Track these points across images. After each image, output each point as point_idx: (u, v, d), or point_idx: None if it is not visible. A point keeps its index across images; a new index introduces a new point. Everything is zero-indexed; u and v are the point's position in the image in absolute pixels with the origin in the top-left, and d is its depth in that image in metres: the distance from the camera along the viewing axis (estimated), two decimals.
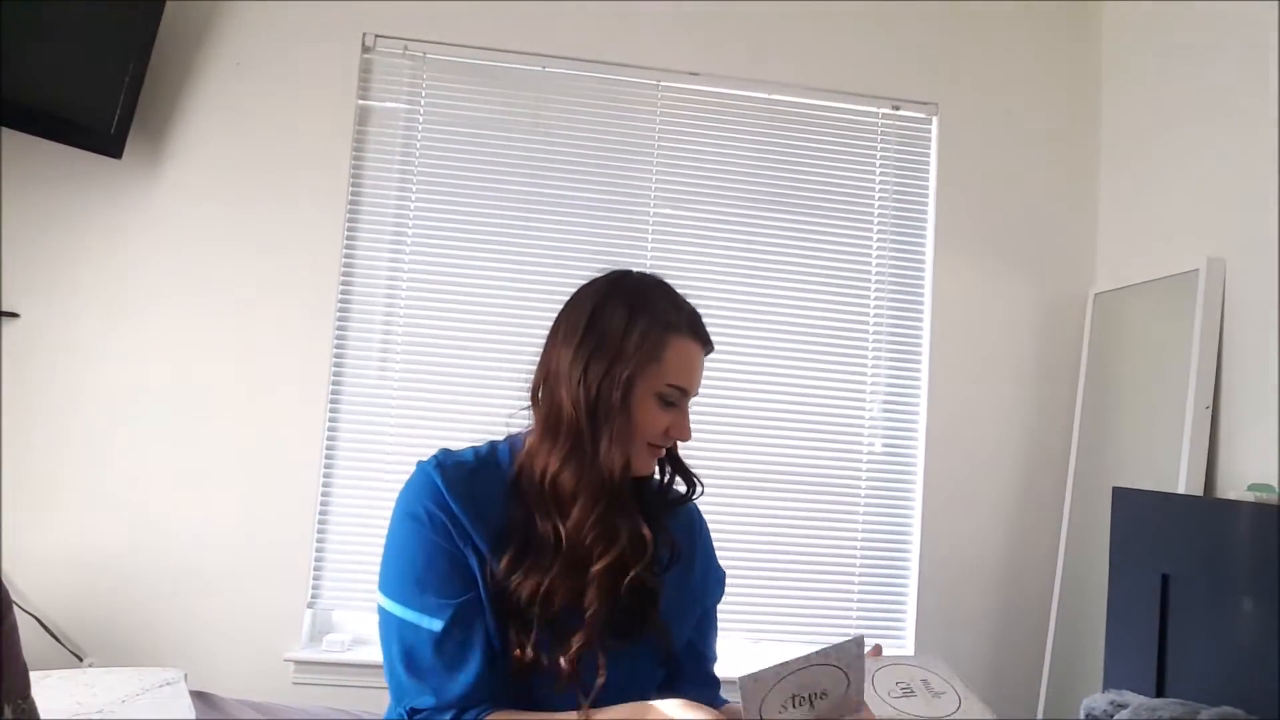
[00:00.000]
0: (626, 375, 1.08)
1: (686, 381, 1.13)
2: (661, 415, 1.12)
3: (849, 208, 2.61)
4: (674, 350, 1.12)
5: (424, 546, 1.06)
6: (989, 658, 2.52)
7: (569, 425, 1.09)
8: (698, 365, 1.15)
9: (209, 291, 2.33)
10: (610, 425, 1.08)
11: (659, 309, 1.13)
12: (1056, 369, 2.59)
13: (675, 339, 1.12)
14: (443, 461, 1.11)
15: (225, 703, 1.74)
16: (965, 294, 2.59)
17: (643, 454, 1.13)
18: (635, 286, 1.16)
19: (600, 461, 1.08)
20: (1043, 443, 2.58)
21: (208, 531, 2.28)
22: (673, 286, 1.19)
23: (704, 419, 2.48)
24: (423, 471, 1.10)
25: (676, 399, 1.13)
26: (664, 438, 1.14)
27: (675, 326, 1.13)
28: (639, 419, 1.10)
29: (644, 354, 1.10)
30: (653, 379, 1.11)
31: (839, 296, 2.59)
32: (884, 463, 2.58)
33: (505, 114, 2.49)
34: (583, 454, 1.08)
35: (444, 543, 1.06)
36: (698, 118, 2.57)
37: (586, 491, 1.07)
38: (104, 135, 2.16)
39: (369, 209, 2.44)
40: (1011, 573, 2.54)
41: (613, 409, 1.08)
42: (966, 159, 2.63)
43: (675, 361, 1.12)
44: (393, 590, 1.07)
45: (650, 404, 1.11)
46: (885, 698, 1.05)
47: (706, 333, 1.18)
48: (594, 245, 2.49)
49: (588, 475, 1.08)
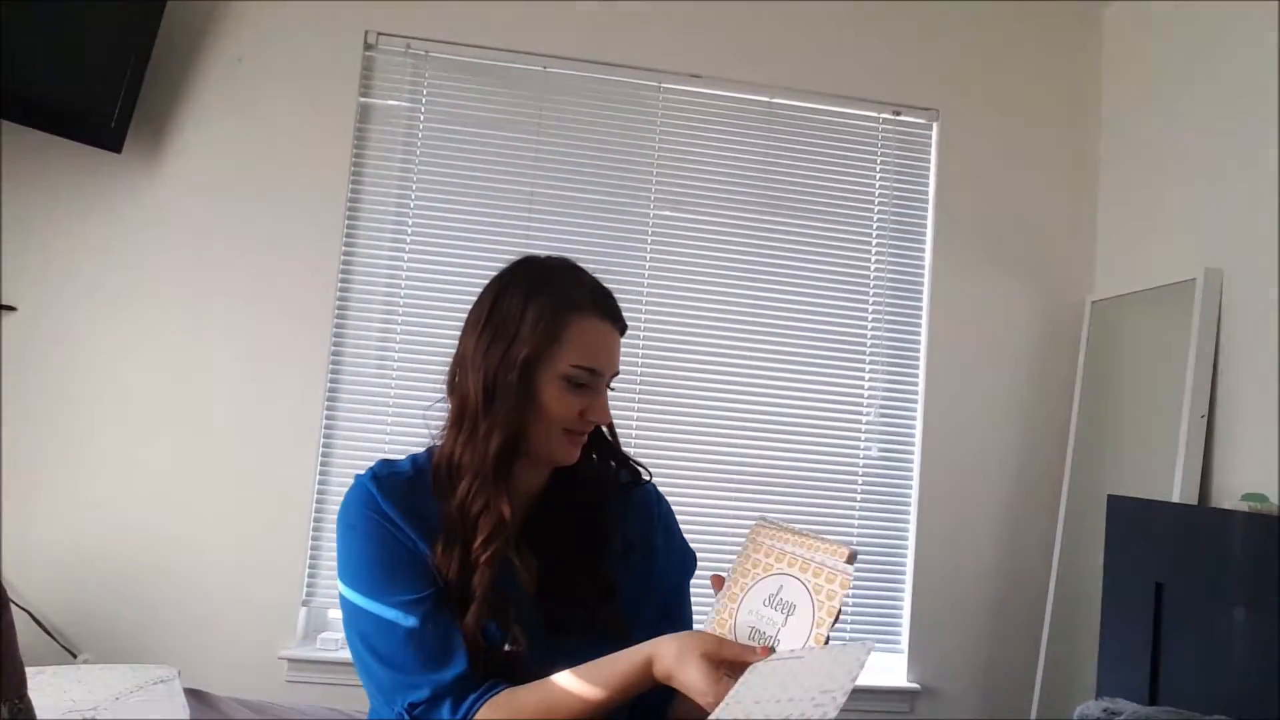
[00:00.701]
0: (524, 358, 1.06)
1: (593, 361, 1.10)
2: (572, 398, 1.09)
3: (849, 212, 2.62)
4: (576, 330, 1.09)
5: (380, 546, 1.06)
6: (983, 664, 2.52)
7: (470, 411, 1.09)
8: (604, 345, 1.11)
9: (207, 288, 2.33)
10: (504, 408, 1.07)
11: (558, 289, 1.10)
12: (1053, 377, 2.60)
13: (577, 318, 1.09)
14: (378, 473, 1.11)
15: (219, 700, 1.74)
16: (963, 300, 2.60)
17: (560, 441, 1.10)
18: (537, 269, 1.14)
19: (479, 440, 1.07)
20: (1038, 450, 2.58)
21: (203, 529, 2.28)
22: (582, 267, 1.16)
23: (699, 419, 2.49)
24: (359, 484, 1.10)
25: (587, 380, 1.09)
26: (581, 421, 1.10)
27: (576, 305, 1.09)
28: (546, 403, 1.08)
29: (541, 335, 1.07)
30: (555, 361, 1.08)
31: (837, 301, 2.59)
32: (880, 468, 2.58)
33: (506, 113, 2.49)
34: (474, 436, 1.08)
35: (394, 542, 1.06)
36: (699, 120, 2.57)
37: (469, 468, 1.07)
38: (104, 129, 2.16)
39: (369, 207, 2.44)
40: (1006, 579, 2.55)
41: (509, 393, 1.06)
42: (966, 165, 2.64)
43: (578, 342, 1.08)
44: (362, 589, 1.06)
45: (556, 387, 1.08)
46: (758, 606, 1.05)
47: (615, 309, 1.14)
48: (593, 246, 2.50)
49: (473, 454, 1.07)
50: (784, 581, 1.01)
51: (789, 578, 1.01)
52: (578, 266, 1.16)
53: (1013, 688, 2.49)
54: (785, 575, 1.02)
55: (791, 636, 0.98)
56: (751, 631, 1.01)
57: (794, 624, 0.99)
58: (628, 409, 2.47)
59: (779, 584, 1.02)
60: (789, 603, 1.00)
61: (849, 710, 2.56)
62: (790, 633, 0.98)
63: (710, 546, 2.41)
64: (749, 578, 1.05)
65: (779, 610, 1.00)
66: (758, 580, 1.04)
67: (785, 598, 1.00)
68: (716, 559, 2.39)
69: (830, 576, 0.98)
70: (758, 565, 1.05)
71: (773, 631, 0.99)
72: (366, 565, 1.06)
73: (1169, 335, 2.22)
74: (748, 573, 1.05)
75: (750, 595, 1.03)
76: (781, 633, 0.99)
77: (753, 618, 1.01)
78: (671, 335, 2.52)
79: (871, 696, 2.45)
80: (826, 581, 0.99)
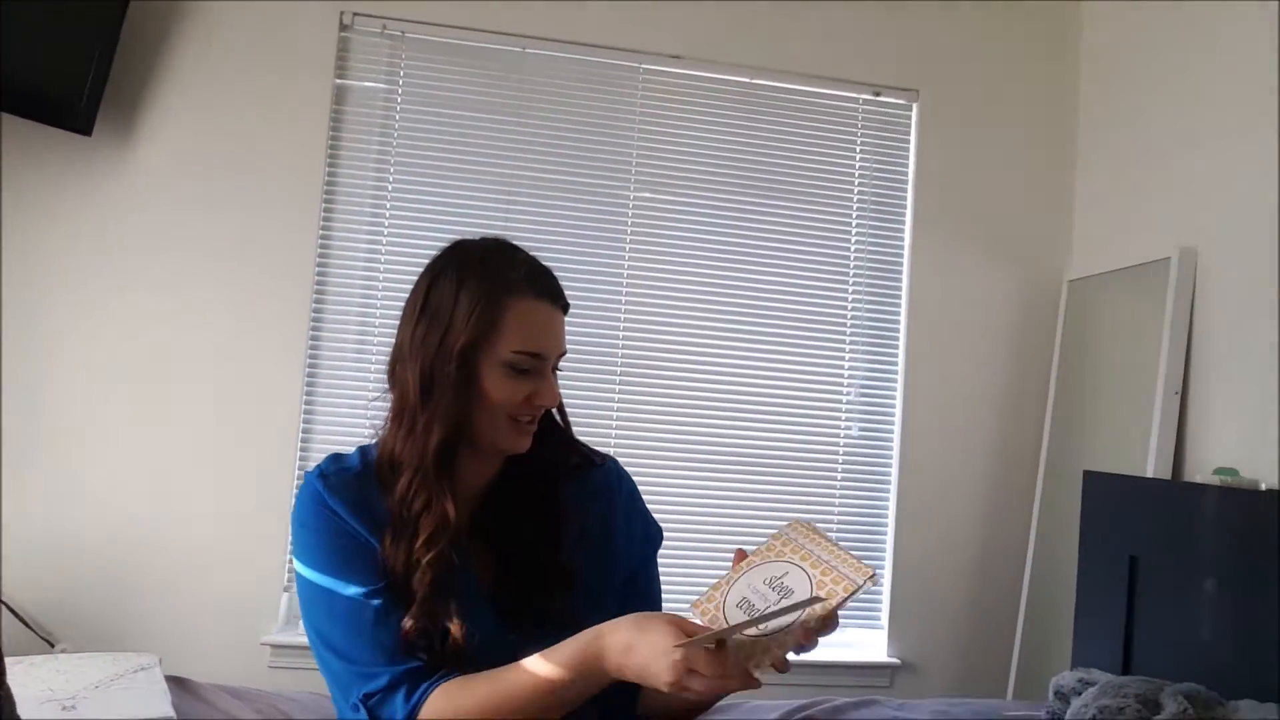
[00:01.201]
0: (461, 347, 1.03)
1: (535, 345, 1.05)
2: (517, 385, 1.05)
3: (829, 193, 2.62)
4: (514, 314, 1.04)
5: (332, 541, 1.04)
6: (961, 638, 2.56)
7: (409, 405, 1.05)
8: (545, 326, 1.07)
9: (181, 272, 2.30)
10: (443, 401, 1.03)
11: (492, 272, 1.06)
12: (1030, 354, 2.63)
13: (513, 302, 1.05)
14: (325, 471, 1.08)
15: (201, 688, 1.73)
16: (942, 279, 2.62)
17: (507, 430, 1.07)
18: (468, 253, 1.09)
19: (419, 434, 1.04)
20: (1016, 427, 2.62)
21: (182, 515, 2.26)
22: (517, 246, 1.11)
23: (681, 401, 2.50)
24: (308, 482, 1.08)
25: (530, 365, 1.05)
26: (527, 407, 1.07)
27: (512, 288, 1.05)
28: (489, 392, 1.04)
29: (477, 322, 1.03)
30: (495, 347, 1.04)
31: (817, 281, 2.60)
32: (860, 447, 2.61)
33: (485, 95, 2.47)
34: (414, 431, 1.04)
35: (346, 538, 1.05)
36: (679, 101, 2.56)
37: (409, 465, 1.04)
38: (73, 111, 2.11)
39: (346, 190, 2.42)
40: (984, 555, 2.59)
41: (447, 385, 1.03)
42: (945, 146, 2.65)
43: (517, 325, 1.04)
44: (316, 583, 1.05)
45: (498, 375, 1.04)
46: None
47: (555, 287, 1.09)
48: (573, 228, 2.49)
49: (412, 449, 1.04)
50: (791, 570, 1.03)
51: (798, 569, 1.02)
52: (512, 246, 1.11)
53: (991, 661, 2.53)
54: (795, 566, 1.03)
55: (779, 618, 0.99)
56: (741, 600, 1.01)
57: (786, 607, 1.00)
58: (608, 391, 2.47)
59: (785, 570, 1.03)
60: (788, 588, 1.00)
61: (828, 684, 2.60)
62: (780, 614, 0.99)
63: (690, 528, 2.43)
64: (759, 557, 1.06)
65: (776, 591, 1.01)
66: (768, 561, 1.05)
67: (787, 583, 1.01)
68: (698, 540, 2.42)
69: (837, 579, 0.99)
70: (772, 550, 1.06)
71: (762, 606, 0.99)
72: (320, 559, 1.05)
73: (1144, 313, 2.25)
74: (760, 553, 1.07)
75: (754, 571, 1.05)
76: (771, 611, 1.00)
77: (748, 590, 1.02)
78: (652, 317, 2.52)
79: (852, 672, 2.48)
80: (832, 581, 0.99)
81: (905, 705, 1.90)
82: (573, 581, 1.10)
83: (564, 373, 1.14)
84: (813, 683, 2.29)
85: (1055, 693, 1.75)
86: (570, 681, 0.97)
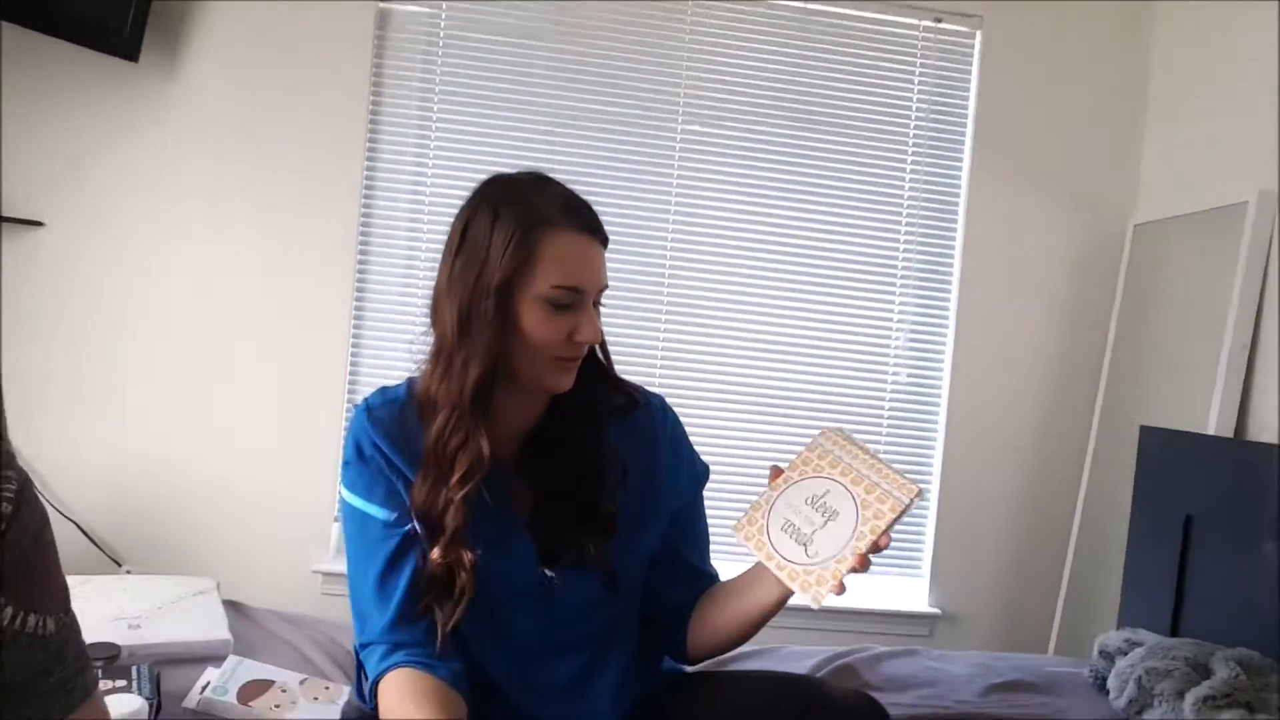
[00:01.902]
0: (498, 283, 1.01)
1: (574, 279, 1.03)
2: (557, 321, 1.03)
3: (883, 127, 2.52)
4: (551, 247, 1.02)
5: (370, 476, 1.07)
6: (1004, 590, 2.54)
7: (446, 344, 1.05)
8: (584, 259, 1.04)
9: (229, 199, 2.30)
10: (481, 339, 1.02)
11: (527, 206, 1.03)
12: (1090, 301, 2.53)
13: (551, 234, 1.02)
14: (371, 405, 1.10)
15: (256, 612, 1.79)
16: (1000, 220, 2.52)
17: (548, 368, 1.05)
18: (504, 187, 1.07)
19: (456, 373, 1.03)
20: (1071, 377, 2.54)
21: (237, 445, 2.32)
22: (553, 177, 1.08)
23: (726, 340, 2.47)
24: (357, 414, 1.10)
25: (570, 300, 1.03)
26: (569, 345, 1.04)
27: (549, 221, 1.02)
28: (529, 329, 1.02)
29: (513, 257, 1.01)
30: (532, 283, 1.01)
31: (869, 219, 2.52)
32: (908, 393, 2.56)
33: (530, 22, 2.39)
34: (451, 370, 1.03)
35: (383, 478, 1.07)
36: (730, 29, 2.46)
37: (446, 402, 1.03)
38: (119, 36, 2.10)
39: (391, 116, 2.38)
40: (1031, 507, 2.55)
41: (484, 322, 1.01)
42: (1009, 77, 2.51)
43: (555, 259, 1.02)
44: (346, 520, 1.10)
45: (538, 311, 1.02)
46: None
47: (593, 220, 1.06)
48: (619, 162, 2.44)
49: (449, 387, 1.03)
50: (831, 487, 0.98)
51: (838, 485, 0.98)
52: (547, 178, 1.09)
53: (1033, 615, 2.51)
54: (834, 482, 0.98)
55: (828, 541, 0.95)
56: (785, 523, 0.98)
57: (833, 529, 0.95)
58: (653, 330, 2.45)
59: (826, 488, 0.98)
60: (832, 509, 0.96)
61: (866, 630, 2.61)
62: (827, 537, 0.95)
63: (734, 468, 2.43)
64: (797, 473, 1.01)
65: (820, 512, 0.97)
66: (806, 478, 1.00)
67: (830, 503, 0.97)
68: (740, 480, 2.42)
69: (882, 497, 0.94)
70: (809, 464, 1.01)
71: (809, 530, 0.96)
72: (359, 491, 1.08)
73: (1214, 261, 2.14)
74: (796, 468, 1.02)
75: (794, 489, 1.00)
76: (818, 534, 0.96)
77: (790, 512, 0.99)
78: (698, 254, 2.47)
79: (891, 620, 2.48)
80: (877, 500, 0.95)
81: (944, 656, 1.90)
82: (611, 526, 1.10)
83: (608, 309, 1.12)
84: (851, 628, 2.31)
85: (1100, 651, 1.73)
86: None
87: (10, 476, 0.58)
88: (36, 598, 0.58)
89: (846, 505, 0.96)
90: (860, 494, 0.96)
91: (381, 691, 1.02)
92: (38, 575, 0.59)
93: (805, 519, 0.97)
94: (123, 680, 1.31)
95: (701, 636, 1.16)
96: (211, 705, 1.39)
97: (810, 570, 0.95)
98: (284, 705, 1.41)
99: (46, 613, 0.59)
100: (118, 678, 1.32)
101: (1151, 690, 1.53)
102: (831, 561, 0.94)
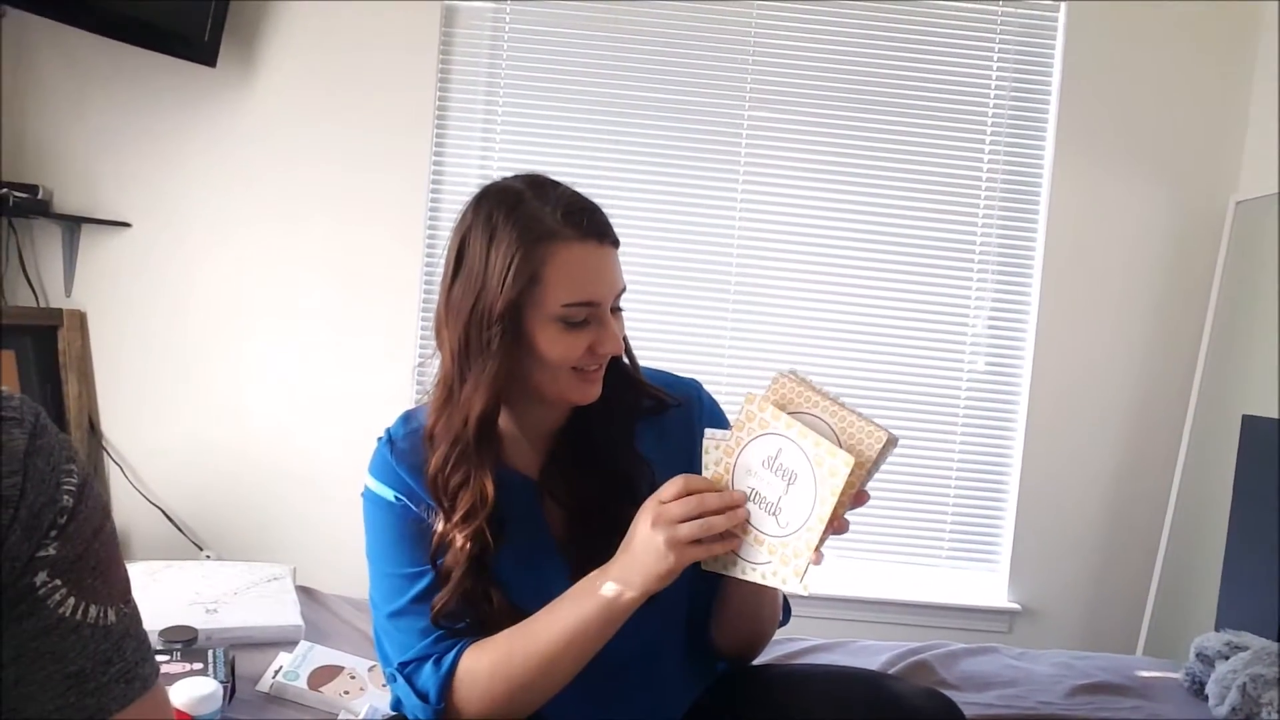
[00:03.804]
0: (501, 310, 0.93)
1: (587, 293, 0.95)
2: (574, 338, 0.96)
3: (960, 109, 2.42)
4: (557, 262, 0.94)
5: (389, 517, 1.03)
6: (1089, 587, 2.43)
7: (448, 373, 0.99)
8: (596, 269, 0.96)
9: (302, 196, 2.36)
10: (485, 370, 0.95)
11: (526, 219, 0.95)
12: (1185, 284, 2.39)
13: (555, 249, 0.94)
14: (393, 435, 1.06)
15: (327, 598, 1.84)
16: (1087, 200, 2.39)
17: (572, 382, 0.99)
18: (497, 198, 0.98)
19: (459, 405, 0.97)
20: (1165, 364, 2.40)
21: (312, 436, 2.38)
22: (551, 180, 1.00)
23: (795, 328, 2.41)
24: (379, 447, 1.07)
25: (585, 315, 0.96)
26: (591, 358, 0.98)
27: (551, 234, 0.94)
28: (545, 350, 0.96)
29: (515, 279, 0.93)
30: (542, 303, 0.94)
31: (945, 204, 2.43)
32: (985, 382, 2.46)
33: (594, 12, 2.38)
34: (453, 400, 0.98)
35: (408, 518, 1.03)
36: (798, 11, 2.39)
37: (447, 436, 0.98)
38: (198, 43, 2.17)
39: (457, 111, 2.40)
40: (1120, 500, 2.42)
41: (487, 352, 0.95)
42: (1097, 51, 2.38)
43: (563, 276, 0.94)
44: (372, 555, 1.06)
45: (552, 330, 0.95)
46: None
47: (600, 223, 0.98)
48: (685, 149, 2.40)
49: (449, 420, 0.98)
50: (783, 445, 0.90)
51: (788, 442, 0.89)
52: (545, 180, 1.00)
53: (1120, 614, 2.39)
54: (783, 439, 0.90)
55: (794, 509, 0.88)
56: (752, 493, 0.91)
57: (796, 494, 0.88)
58: (721, 318, 2.41)
59: (777, 447, 0.90)
60: (789, 470, 0.89)
61: (942, 625, 2.52)
62: (792, 503, 0.88)
63: None
64: (744, 431, 0.92)
65: (779, 476, 0.89)
66: (755, 436, 0.91)
67: (785, 463, 0.89)
68: None
69: (832, 451, 0.86)
70: (753, 419, 0.92)
71: (774, 498, 0.89)
72: (377, 531, 1.05)
73: None
74: (742, 425, 0.92)
75: (748, 450, 0.92)
76: (784, 501, 0.89)
77: (752, 479, 0.91)
78: (767, 242, 2.42)
79: (967, 615, 2.39)
80: (829, 455, 0.86)
81: (1025, 654, 1.82)
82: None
83: (676, 297, 1.08)
84: (925, 623, 2.24)
85: (1197, 654, 1.62)
86: (584, 612, 0.93)
87: (72, 470, 0.58)
88: (98, 589, 0.59)
89: (802, 465, 0.88)
90: (810, 449, 0.88)
91: (461, 674, 0.97)
92: (99, 567, 0.59)
93: (768, 485, 0.90)
94: (199, 663, 1.35)
95: (720, 628, 1.11)
96: (283, 689, 1.42)
97: (786, 543, 0.88)
98: (352, 691, 1.44)
99: (107, 604, 0.59)
100: (194, 660, 1.36)
101: (1258, 699, 1.43)
102: (803, 531, 0.87)
